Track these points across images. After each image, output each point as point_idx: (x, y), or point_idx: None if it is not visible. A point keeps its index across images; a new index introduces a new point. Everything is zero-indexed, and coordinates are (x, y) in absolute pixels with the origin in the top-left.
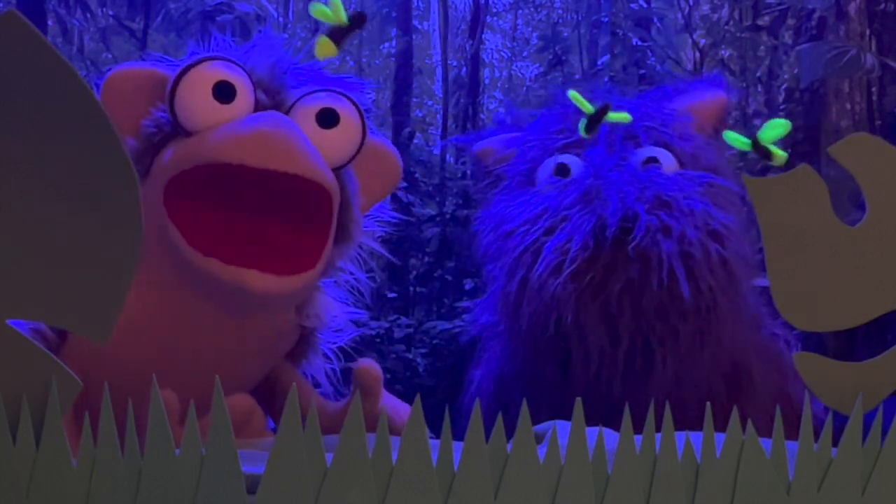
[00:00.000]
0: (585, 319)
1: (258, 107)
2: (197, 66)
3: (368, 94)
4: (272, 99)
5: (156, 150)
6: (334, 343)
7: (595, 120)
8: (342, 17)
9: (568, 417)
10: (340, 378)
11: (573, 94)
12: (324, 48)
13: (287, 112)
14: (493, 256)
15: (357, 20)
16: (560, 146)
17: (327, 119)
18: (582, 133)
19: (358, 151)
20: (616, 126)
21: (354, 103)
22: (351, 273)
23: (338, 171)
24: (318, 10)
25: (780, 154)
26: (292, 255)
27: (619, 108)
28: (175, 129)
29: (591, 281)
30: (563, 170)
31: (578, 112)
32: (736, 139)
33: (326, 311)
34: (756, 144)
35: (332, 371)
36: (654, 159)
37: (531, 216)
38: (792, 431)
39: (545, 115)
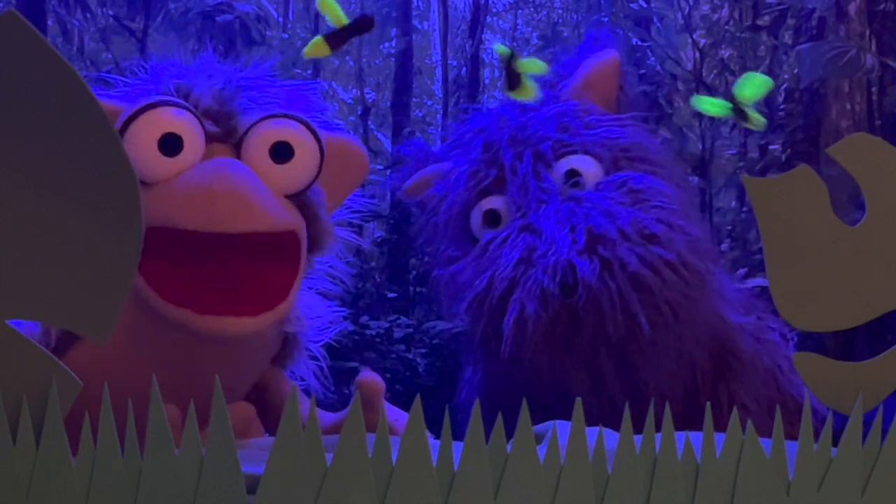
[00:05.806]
0: (566, 373)
1: (209, 140)
2: (141, 117)
3: (319, 96)
4: (222, 128)
5: None
6: (319, 341)
7: None
8: (341, 18)
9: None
10: (329, 377)
11: None
12: (314, 48)
13: (240, 141)
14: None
15: (362, 25)
16: (478, 192)
17: (281, 153)
18: None
19: (318, 174)
20: (522, 147)
21: (308, 126)
22: (328, 264)
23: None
24: (324, 4)
25: (757, 119)
26: (265, 292)
27: (514, 121)
28: None
29: (558, 342)
30: (492, 217)
31: (488, 144)
32: (710, 105)
33: (306, 312)
34: (734, 105)
35: (320, 369)
36: (574, 172)
37: (481, 289)
38: (787, 424)
39: (458, 150)
